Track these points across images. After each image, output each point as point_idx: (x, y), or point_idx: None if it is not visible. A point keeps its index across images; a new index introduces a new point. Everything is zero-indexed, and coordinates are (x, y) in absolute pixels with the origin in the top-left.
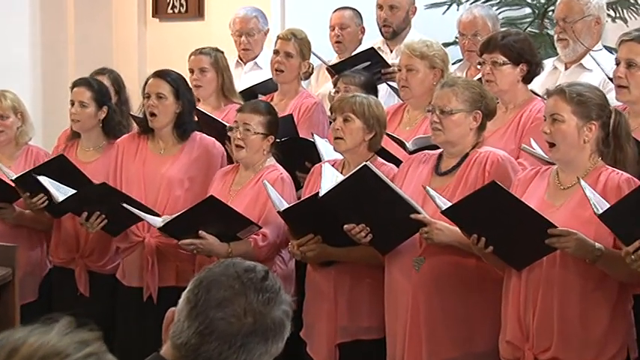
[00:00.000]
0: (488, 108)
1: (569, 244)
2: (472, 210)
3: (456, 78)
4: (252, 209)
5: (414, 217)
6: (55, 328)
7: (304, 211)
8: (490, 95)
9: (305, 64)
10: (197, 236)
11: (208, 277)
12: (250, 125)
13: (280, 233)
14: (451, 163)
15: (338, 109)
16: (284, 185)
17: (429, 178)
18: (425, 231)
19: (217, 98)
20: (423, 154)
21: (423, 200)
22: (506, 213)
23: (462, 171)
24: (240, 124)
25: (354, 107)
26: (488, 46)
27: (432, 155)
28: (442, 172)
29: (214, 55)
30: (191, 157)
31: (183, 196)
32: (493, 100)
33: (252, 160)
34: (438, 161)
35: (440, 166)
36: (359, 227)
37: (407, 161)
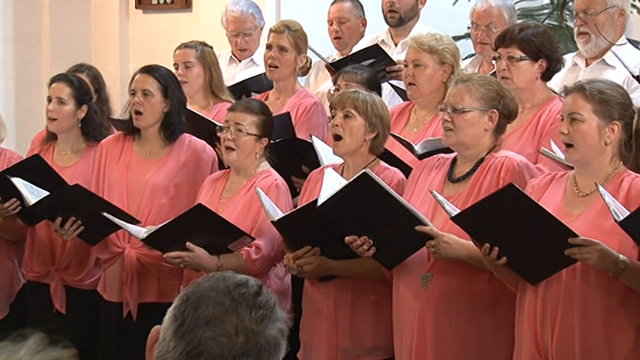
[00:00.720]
0: (507, 108)
1: (591, 255)
2: (486, 216)
3: (472, 74)
4: (244, 219)
5: (419, 230)
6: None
7: (300, 221)
8: (510, 95)
9: (301, 59)
10: (184, 248)
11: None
12: (242, 125)
13: (275, 245)
14: (465, 169)
15: (338, 103)
16: (279, 192)
17: (441, 186)
18: (432, 244)
19: (205, 96)
20: (436, 159)
21: (434, 210)
22: (523, 219)
23: (476, 177)
24: (232, 124)
25: (356, 103)
26: (505, 39)
27: (446, 160)
28: (456, 178)
29: (200, 48)
30: (179, 162)
31: (168, 204)
32: (514, 101)
33: (243, 163)
34: (452, 167)
35: (453, 172)
36: (361, 240)
37: (418, 166)
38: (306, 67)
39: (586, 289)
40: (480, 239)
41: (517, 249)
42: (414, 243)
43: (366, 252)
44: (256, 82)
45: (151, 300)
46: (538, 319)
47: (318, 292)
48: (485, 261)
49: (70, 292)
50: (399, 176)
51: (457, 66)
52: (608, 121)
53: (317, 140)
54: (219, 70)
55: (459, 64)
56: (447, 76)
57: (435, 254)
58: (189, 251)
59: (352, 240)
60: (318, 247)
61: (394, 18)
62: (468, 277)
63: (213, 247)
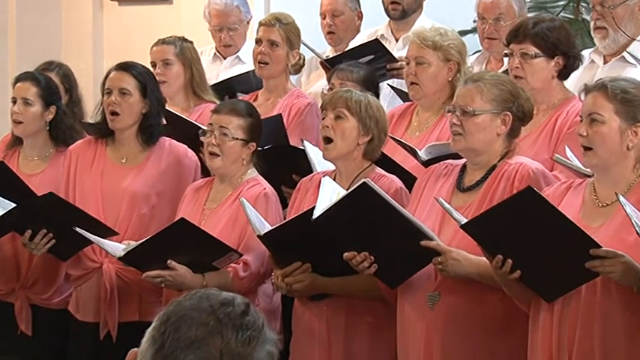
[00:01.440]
0: (521, 110)
1: (615, 269)
2: (500, 223)
3: (483, 72)
4: (230, 232)
5: (425, 245)
6: None
7: (290, 235)
8: (525, 94)
9: (294, 55)
10: (165, 267)
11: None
12: (228, 129)
13: (265, 261)
14: (476, 177)
15: (330, 103)
16: (268, 203)
17: (449, 195)
18: (439, 261)
19: (186, 97)
20: (443, 166)
21: (441, 223)
22: (540, 228)
23: (487, 186)
24: (216, 128)
25: (349, 103)
26: (517, 34)
27: (455, 167)
28: (465, 187)
29: (180, 45)
30: (159, 168)
31: (150, 214)
32: (529, 101)
33: (228, 171)
34: (461, 174)
35: (463, 181)
36: (361, 256)
37: (424, 175)
38: (299, 65)
39: (608, 307)
40: (491, 250)
41: (532, 261)
42: (420, 259)
43: (366, 269)
44: (243, 80)
45: (131, 319)
46: (554, 341)
47: (309, 312)
48: (496, 275)
49: (36, 312)
50: (396, 184)
51: (464, 63)
52: (631, 123)
53: (309, 145)
54: (201, 69)
55: (465, 62)
56: (453, 75)
57: (443, 272)
58: (170, 269)
59: (351, 256)
60: (309, 264)
61: (397, 10)
62: (479, 297)
63: (197, 264)
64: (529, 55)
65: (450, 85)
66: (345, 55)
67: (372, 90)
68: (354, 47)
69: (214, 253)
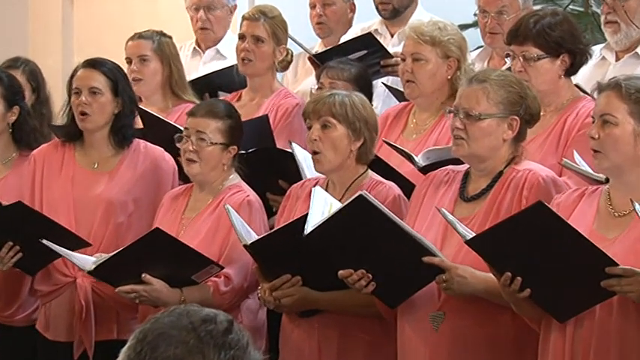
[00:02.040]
0: (529, 112)
1: (633, 288)
2: (508, 239)
3: (489, 71)
4: (211, 243)
5: (428, 261)
6: None
7: (279, 245)
8: (532, 94)
9: (281, 51)
10: (140, 281)
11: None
12: (205, 133)
13: (248, 274)
14: (481, 185)
15: (313, 113)
16: (252, 211)
17: (452, 205)
18: (443, 279)
19: (164, 96)
20: (444, 172)
21: (443, 236)
22: (552, 244)
23: (494, 195)
24: (192, 132)
25: (334, 109)
26: (517, 35)
27: (457, 173)
28: (469, 196)
29: (158, 39)
30: (135, 172)
31: (127, 223)
32: (536, 101)
33: (208, 177)
34: (465, 182)
35: (467, 189)
36: (358, 274)
37: (423, 182)
38: (286, 61)
39: (625, 329)
40: (499, 267)
41: (543, 279)
42: (422, 277)
43: (364, 288)
44: (224, 76)
45: (108, 338)
46: None
47: (298, 329)
48: (504, 293)
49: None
50: (394, 192)
51: (464, 60)
52: None
53: (298, 148)
54: (180, 66)
55: (466, 58)
56: (452, 72)
57: (447, 290)
58: (145, 284)
59: (347, 274)
60: (299, 276)
61: (387, 10)
62: (487, 317)
63: (174, 278)
64: (532, 57)
65: (449, 84)
66: (336, 50)
67: (364, 89)
68: (345, 42)
69: (193, 265)
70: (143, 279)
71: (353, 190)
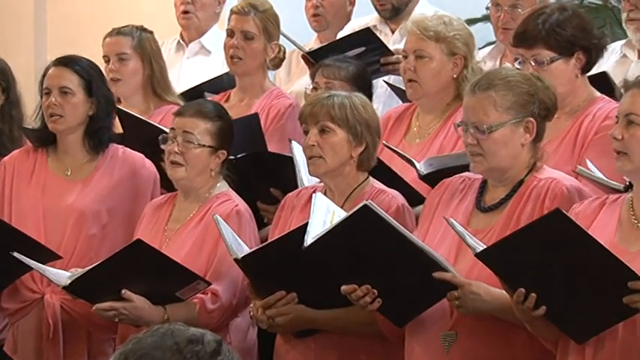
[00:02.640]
0: (544, 106)
1: None
2: (522, 252)
3: (491, 75)
4: (197, 257)
5: (438, 277)
6: None
7: (273, 259)
8: (543, 85)
9: (273, 48)
10: (119, 297)
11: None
12: (193, 135)
13: (238, 291)
14: (499, 194)
15: (310, 116)
16: (241, 222)
17: (467, 216)
18: (455, 296)
19: (145, 97)
20: (460, 180)
21: (457, 250)
22: (570, 257)
23: (513, 205)
24: (179, 133)
25: (333, 112)
26: (525, 38)
27: (474, 181)
28: (487, 206)
29: (138, 36)
30: (111, 180)
31: (100, 235)
32: (548, 90)
33: (194, 183)
34: (482, 191)
35: (484, 198)
36: (362, 289)
37: (437, 191)
38: (278, 59)
39: None
40: (512, 282)
41: (559, 296)
42: (432, 294)
43: (369, 305)
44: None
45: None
46: None
47: (293, 351)
48: (518, 311)
49: None
50: (397, 202)
51: (471, 57)
52: None
53: (297, 148)
54: (162, 64)
55: (473, 55)
56: (459, 71)
57: (460, 309)
58: (125, 301)
59: (351, 290)
60: (294, 293)
61: (386, 10)
62: (504, 338)
63: (156, 294)
64: (544, 61)
65: (455, 83)
66: (331, 47)
67: (364, 90)
68: (341, 38)
69: (177, 281)
70: (123, 295)
71: (353, 199)
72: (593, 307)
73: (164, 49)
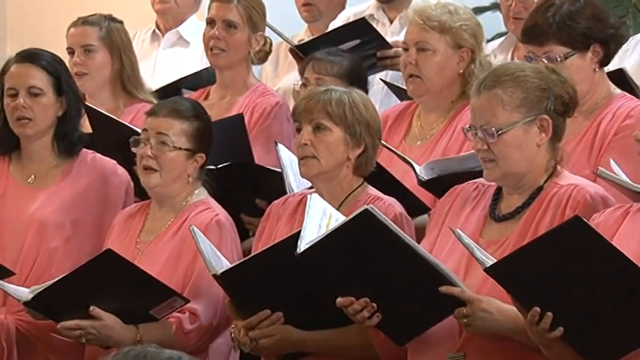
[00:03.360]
0: (560, 100)
1: None
2: (536, 266)
3: (498, 70)
4: (173, 272)
5: (445, 291)
6: None
7: (257, 274)
8: (557, 77)
9: (257, 39)
10: (88, 315)
11: None
12: (167, 136)
13: (219, 310)
14: (515, 202)
15: (305, 112)
16: (222, 233)
17: (480, 226)
18: (464, 314)
19: (113, 94)
20: (473, 186)
21: (468, 263)
22: (591, 271)
23: (530, 215)
24: (152, 135)
25: (330, 109)
26: (535, 34)
27: (488, 188)
28: (502, 215)
29: (106, 26)
30: (77, 189)
31: (63, 249)
32: (565, 83)
33: (169, 191)
34: (496, 198)
35: (498, 206)
36: (360, 303)
37: (447, 197)
38: (264, 51)
39: None
40: (526, 300)
41: (579, 315)
42: (438, 310)
43: (367, 320)
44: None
45: None
46: None
47: None
48: (532, 332)
49: None
50: (394, 210)
51: (479, 51)
52: None
53: (284, 150)
54: (133, 57)
55: (481, 48)
56: (465, 65)
57: (469, 328)
58: (94, 319)
59: (348, 303)
60: (280, 312)
61: None
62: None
63: (128, 312)
64: (558, 58)
65: (461, 79)
66: (323, 40)
67: (359, 87)
68: (333, 29)
69: (151, 297)
70: (91, 313)
71: (347, 206)
72: (617, 328)
73: (137, 40)
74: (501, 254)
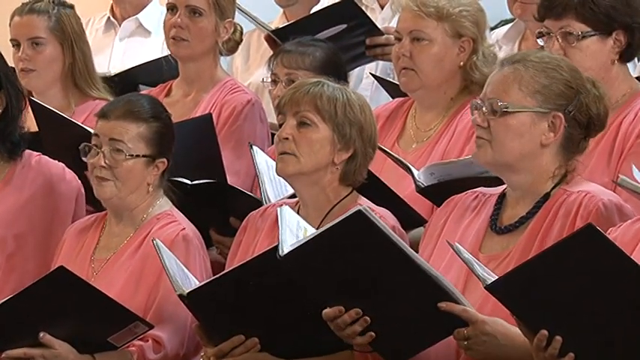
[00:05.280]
0: (584, 111)
1: None
2: (544, 283)
3: (529, 52)
4: (133, 294)
5: (446, 309)
6: None
7: (229, 294)
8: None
9: (226, 27)
10: (37, 343)
11: None
12: (122, 142)
13: (186, 337)
14: (518, 212)
15: (290, 103)
16: (189, 249)
17: (480, 238)
18: (465, 335)
19: (64, 92)
20: (472, 195)
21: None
22: (606, 288)
23: (536, 225)
24: (105, 141)
25: (319, 102)
26: (554, 5)
27: (490, 197)
28: (503, 226)
29: (56, 13)
30: (20, 197)
31: (5, 267)
32: (600, 101)
33: (127, 203)
34: (498, 208)
35: (500, 217)
36: (350, 314)
37: (444, 208)
38: (233, 41)
39: None
40: (532, 322)
41: (592, 339)
42: (436, 329)
43: (357, 337)
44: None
45: None
46: None
47: None
48: (539, 358)
49: None
50: (388, 222)
51: (481, 40)
52: None
53: (259, 154)
54: (86, 48)
55: (484, 37)
56: (466, 57)
57: (469, 352)
58: (44, 347)
59: (335, 314)
60: (255, 338)
61: None
62: None
63: (84, 340)
64: (574, 35)
65: (461, 73)
66: (303, 25)
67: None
68: (315, 12)
69: (110, 323)
70: (41, 340)
71: (333, 217)
72: (633, 353)
73: (90, 29)
74: (503, 270)
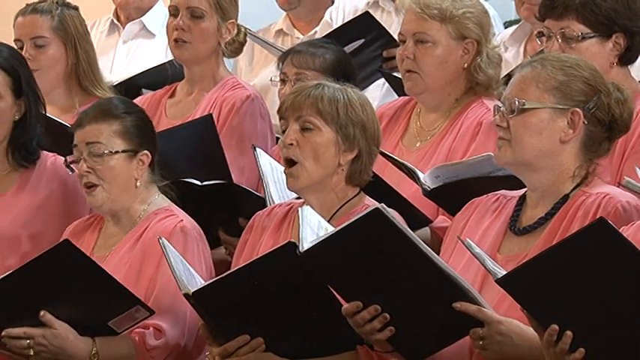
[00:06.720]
0: (605, 111)
1: None
2: (555, 277)
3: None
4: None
5: (461, 309)
6: None
7: (236, 294)
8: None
9: (229, 28)
10: (37, 322)
11: None
12: (99, 143)
13: (186, 330)
14: (537, 213)
15: (292, 108)
16: (187, 240)
17: (499, 238)
18: (480, 335)
19: (68, 92)
20: (494, 198)
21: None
22: (617, 281)
23: (554, 226)
24: (83, 149)
25: (321, 106)
26: (555, 5)
27: (510, 199)
28: (522, 227)
29: (59, 13)
30: (35, 198)
31: None
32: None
33: (119, 204)
34: (518, 210)
35: (520, 218)
36: (370, 311)
37: (463, 212)
38: (238, 42)
39: None
40: (542, 317)
41: (603, 334)
42: (454, 328)
43: (377, 332)
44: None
45: None
46: None
47: None
48: (549, 355)
49: None
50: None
51: (486, 42)
52: None
53: (263, 156)
54: (90, 49)
55: (488, 39)
56: (470, 59)
57: (484, 352)
58: (44, 327)
59: (354, 309)
60: (261, 338)
61: None
62: None
63: (84, 322)
64: (574, 36)
65: (465, 75)
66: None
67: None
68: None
69: (112, 305)
70: (41, 319)
71: (340, 219)
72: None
73: (94, 31)
74: None
